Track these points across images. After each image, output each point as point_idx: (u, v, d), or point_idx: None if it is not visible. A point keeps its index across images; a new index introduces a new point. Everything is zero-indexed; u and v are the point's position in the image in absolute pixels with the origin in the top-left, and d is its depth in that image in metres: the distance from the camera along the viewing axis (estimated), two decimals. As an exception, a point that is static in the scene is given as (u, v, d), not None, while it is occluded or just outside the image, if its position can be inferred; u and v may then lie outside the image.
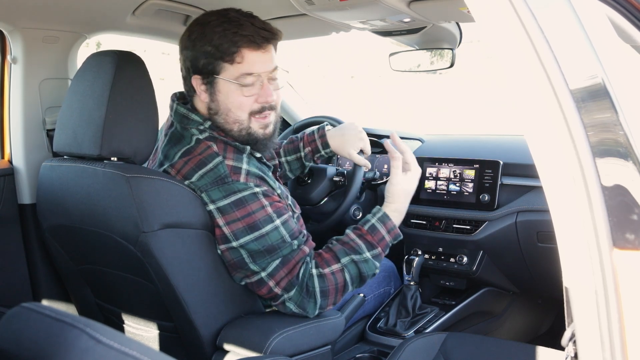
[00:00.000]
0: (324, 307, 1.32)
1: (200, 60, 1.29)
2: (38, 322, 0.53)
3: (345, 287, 1.33)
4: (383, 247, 1.37)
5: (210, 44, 1.27)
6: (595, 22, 0.85)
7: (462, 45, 1.92)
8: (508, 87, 0.74)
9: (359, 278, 1.35)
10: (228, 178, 1.25)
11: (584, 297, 0.70)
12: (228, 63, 1.27)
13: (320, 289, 1.29)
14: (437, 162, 1.98)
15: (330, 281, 1.30)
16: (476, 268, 1.92)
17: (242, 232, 1.24)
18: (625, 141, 0.77)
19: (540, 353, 1.38)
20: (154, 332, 1.38)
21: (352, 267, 1.33)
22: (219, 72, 1.28)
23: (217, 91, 1.30)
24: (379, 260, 1.36)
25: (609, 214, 0.70)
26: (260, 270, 1.26)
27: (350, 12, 1.53)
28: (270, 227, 1.25)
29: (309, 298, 1.28)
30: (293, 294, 1.27)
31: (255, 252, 1.24)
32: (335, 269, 1.31)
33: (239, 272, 1.28)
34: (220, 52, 1.26)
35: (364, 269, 1.34)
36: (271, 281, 1.26)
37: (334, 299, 1.32)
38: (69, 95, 1.32)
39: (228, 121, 1.31)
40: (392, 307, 1.87)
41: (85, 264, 1.43)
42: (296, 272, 1.27)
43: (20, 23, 1.58)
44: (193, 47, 1.30)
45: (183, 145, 1.32)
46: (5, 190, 1.64)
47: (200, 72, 1.30)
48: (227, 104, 1.30)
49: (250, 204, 1.24)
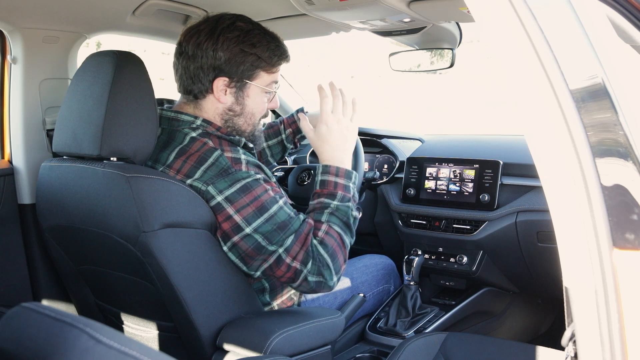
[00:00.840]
0: (338, 269, 1.33)
1: (240, 66, 1.32)
2: (38, 322, 0.53)
3: (343, 241, 1.35)
4: (342, 189, 1.38)
5: (256, 54, 1.33)
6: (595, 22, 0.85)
7: (462, 45, 1.92)
8: (508, 87, 0.74)
9: (346, 226, 1.37)
10: (231, 169, 1.27)
11: (584, 297, 0.70)
12: (266, 72, 1.36)
13: (328, 253, 1.31)
14: (437, 162, 1.98)
15: (330, 240, 1.33)
16: (476, 268, 1.92)
17: (253, 216, 1.26)
18: (625, 141, 0.77)
19: (540, 353, 1.38)
20: (153, 332, 1.38)
21: (333, 219, 1.36)
22: (254, 79, 1.36)
23: (246, 95, 1.37)
24: (347, 200, 1.38)
25: (609, 214, 0.70)
26: (278, 248, 1.28)
27: (350, 12, 1.53)
28: (277, 207, 1.28)
29: (323, 266, 1.30)
30: (310, 266, 1.29)
31: (269, 232, 1.27)
32: (325, 228, 1.34)
33: (256, 259, 1.29)
34: (265, 63, 1.35)
35: (342, 215, 1.36)
36: (288, 257, 1.28)
37: (343, 257, 1.35)
38: (69, 95, 1.32)
39: (248, 123, 1.40)
40: (392, 307, 1.87)
41: (85, 264, 1.43)
42: (308, 244, 1.30)
43: (20, 23, 1.58)
44: (230, 50, 1.31)
45: (175, 145, 1.32)
46: (5, 190, 1.64)
47: (230, 76, 1.33)
48: (253, 108, 1.39)
49: (255, 189, 1.27)
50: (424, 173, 1.99)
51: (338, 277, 1.34)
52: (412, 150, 2.15)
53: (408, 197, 2.00)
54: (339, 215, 1.36)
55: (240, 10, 1.38)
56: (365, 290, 1.77)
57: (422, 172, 1.99)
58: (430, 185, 1.98)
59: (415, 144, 2.22)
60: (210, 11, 1.77)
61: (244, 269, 1.32)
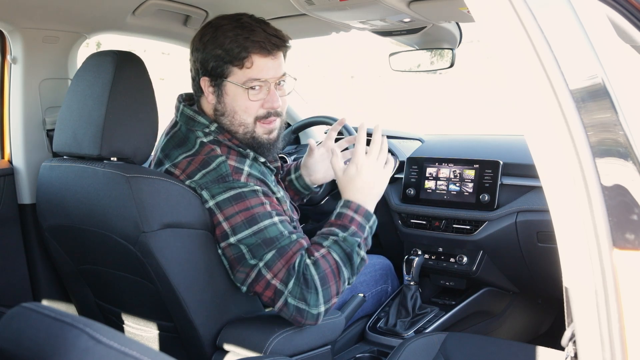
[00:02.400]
0: (327, 299, 1.24)
1: (210, 63, 1.31)
2: (38, 322, 0.53)
3: (339, 269, 1.27)
4: (356, 225, 1.32)
5: (221, 48, 1.29)
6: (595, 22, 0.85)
7: (462, 45, 1.92)
8: (508, 87, 0.74)
9: (347, 258, 1.29)
10: (229, 177, 1.26)
11: (584, 297, 0.70)
12: (237, 67, 1.30)
13: (318, 275, 1.23)
14: (437, 162, 1.98)
15: (324, 264, 1.25)
16: (476, 268, 1.92)
17: (241, 227, 1.23)
18: (625, 141, 0.77)
19: (540, 353, 1.38)
20: (154, 332, 1.38)
21: (335, 247, 1.28)
22: (227, 75, 1.31)
23: (225, 93, 1.32)
24: (358, 237, 1.31)
25: (609, 214, 0.70)
26: (258, 262, 1.23)
27: (350, 12, 1.53)
28: (269, 222, 1.24)
29: (309, 289, 1.22)
30: (292, 286, 1.22)
31: (253, 245, 1.23)
32: (324, 252, 1.26)
33: (239, 270, 1.27)
34: (231, 56, 1.29)
35: (346, 246, 1.29)
36: (269, 273, 1.23)
37: (335, 287, 1.26)
38: (69, 95, 1.32)
39: (234, 123, 1.34)
40: (392, 307, 1.87)
41: (85, 264, 1.43)
42: (292, 262, 1.23)
43: (20, 23, 1.58)
44: (204, 49, 1.32)
45: (187, 148, 1.32)
46: (5, 190, 1.64)
47: (209, 75, 1.33)
48: (233, 106, 1.33)
49: (249, 199, 1.25)
50: (424, 173, 1.99)
51: (326, 307, 1.23)
52: (412, 150, 2.15)
53: (408, 197, 2.00)
54: (343, 245, 1.28)
55: (240, 11, 1.38)
56: (363, 290, 1.77)
57: (422, 172, 1.99)
58: (430, 185, 1.98)
59: (415, 144, 2.22)
60: (210, 11, 1.78)
61: (232, 278, 1.29)
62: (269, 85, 1.33)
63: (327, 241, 1.29)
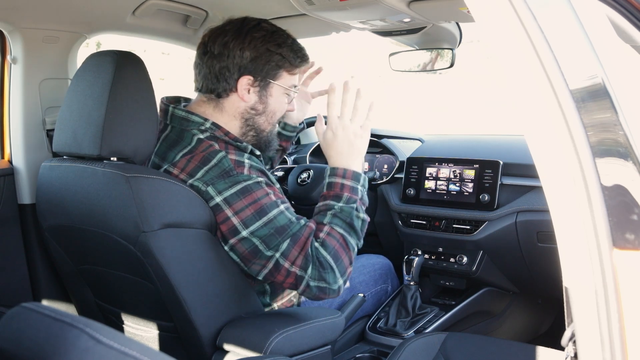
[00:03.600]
0: (343, 271, 1.31)
1: (265, 65, 1.35)
2: (38, 322, 0.53)
3: (345, 241, 1.33)
4: (348, 191, 1.36)
5: (281, 54, 1.36)
6: (595, 22, 0.85)
7: (462, 45, 1.92)
8: (508, 87, 0.74)
9: (350, 227, 1.34)
10: (233, 171, 1.27)
11: (584, 297, 0.70)
12: (287, 72, 1.39)
13: (329, 254, 1.29)
14: (437, 162, 1.98)
15: (331, 241, 1.31)
16: (476, 268, 1.92)
17: (251, 219, 1.25)
18: (625, 141, 0.77)
19: (540, 353, 1.38)
20: (154, 332, 1.38)
21: (336, 220, 1.33)
22: (277, 78, 1.38)
23: (269, 95, 1.39)
24: (353, 202, 1.35)
25: (609, 214, 0.70)
26: (274, 252, 1.27)
27: (350, 12, 1.53)
28: (277, 212, 1.28)
29: (325, 269, 1.28)
30: (311, 271, 1.28)
31: (267, 236, 1.26)
32: (327, 230, 1.32)
33: (254, 263, 1.28)
34: (289, 63, 1.38)
35: (345, 216, 1.34)
36: (286, 262, 1.27)
37: (348, 258, 1.32)
38: (69, 95, 1.32)
39: (269, 122, 1.42)
40: (392, 307, 1.87)
41: (85, 264, 1.43)
42: (308, 248, 1.28)
43: (20, 23, 1.58)
44: (256, 49, 1.34)
45: (183, 146, 1.33)
46: (5, 190, 1.64)
47: (255, 74, 1.35)
48: (275, 107, 1.41)
49: (255, 191, 1.27)
50: (424, 173, 1.99)
51: (344, 279, 1.31)
52: (412, 150, 2.15)
53: (408, 197, 2.00)
54: (342, 216, 1.34)
55: (241, 10, 1.39)
56: (363, 290, 1.77)
57: (422, 172, 1.99)
58: (430, 185, 1.98)
59: (415, 144, 2.22)
60: (210, 11, 1.78)
61: (245, 269, 1.32)
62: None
63: (327, 217, 1.35)
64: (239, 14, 1.40)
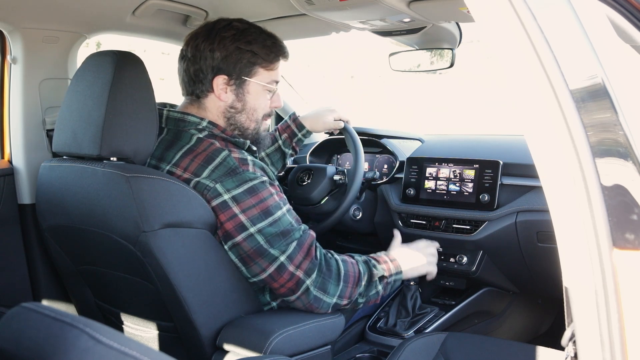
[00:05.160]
0: (342, 294, 1.35)
1: (237, 64, 1.36)
2: (38, 322, 0.53)
3: (359, 280, 1.38)
4: (387, 267, 1.46)
5: (251, 51, 1.37)
6: (595, 22, 0.85)
7: (462, 45, 1.92)
8: (508, 87, 0.74)
9: (369, 276, 1.41)
10: (239, 169, 1.29)
11: (584, 297, 0.70)
12: (264, 69, 1.39)
13: (344, 270, 1.35)
14: (437, 162, 1.97)
15: (350, 266, 1.38)
16: (476, 268, 1.92)
17: (258, 218, 1.27)
18: (625, 141, 0.77)
19: (540, 353, 1.38)
20: (153, 332, 1.38)
21: (363, 266, 1.41)
22: (252, 75, 1.38)
23: (247, 92, 1.40)
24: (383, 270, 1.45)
25: (609, 214, 0.70)
26: (279, 255, 1.28)
27: (350, 12, 1.53)
28: (281, 213, 1.30)
29: (330, 278, 1.33)
30: (315, 276, 1.30)
31: (272, 235, 1.27)
32: (352, 261, 1.40)
33: (256, 263, 1.29)
34: (262, 59, 1.38)
35: (373, 270, 1.42)
36: (291, 265, 1.28)
37: (350, 291, 1.36)
38: (69, 95, 1.32)
39: (250, 119, 1.42)
40: (392, 307, 1.87)
41: (85, 264, 1.43)
42: (314, 254, 1.31)
43: (20, 23, 1.58)
44: (226, 49, 1.35)
45: (181, 145, 1.34)
46: (5, 190, 1.64)
47: (229, 74, 1.37)
48: (254, 104, 1.41)
49: (261, 192, 1.29)
50: (423, 173, 1.99)
51: (337, 301, 1.35)
52: (412, 150, 2.15)
53: (408, 197, 2.00)
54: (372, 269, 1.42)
55: (240, 10, 1.39)
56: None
57: (422, 172, 1.99)
58: (430, 185, 1.98)
59: (415, 144, 2.22)
60: (210, 11, 1.78)
61: (243, 270, 1.32)
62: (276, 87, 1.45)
63: (359, 258, 1.43)
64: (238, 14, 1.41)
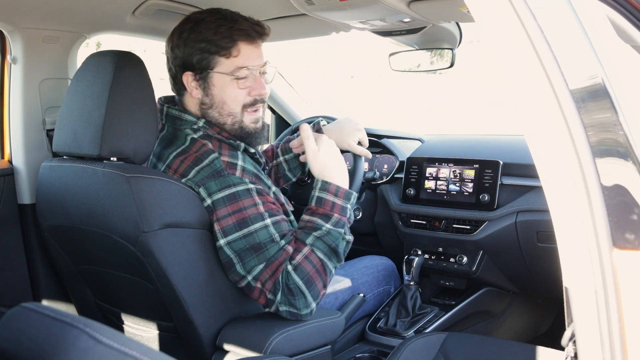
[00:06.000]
0: (316, 296, 1.27)
1: (194, 57, 1.32)
2: (38, 322, 0.53)
3: (324, 266, 1.28)
4: (339, 211, 1.33)
5: (204, 40, 1.31)
6: (595, 22, 0.85)
7: (462, 45, 1.92)
8: (508, 87, 0.74)
9: (332, 251, 1.30)
10: (224, 171, 1.26)
11: (584, 297, 0.70)
12: (224, 57, 1.32)
13: (302, 280, 1.25)
14: (437, 162, 1.98)
15: (307, 266, 1.26)
16: (476, 268, 1.92)
17: (232, 229, 1.24)
18: (625, 141, 0.77)
19: (540, 353, 1.38)
20: (153, 332, 1.38)
21: (319, 244, 1.29)
22: (213, 66, 1.33)
23: (212, 85, 1.34)
24: (341, 226, 1.32)
25: (609, 214, 0.70)
26: (246, 274, 1.25)
27: (350, 12, 1.53)
28: (260, 225, 1.25)
29: (295, 296, 1.25)
30: (280, 296, 1.25)
31: (242, 250, 1.24)
32: (306, 252, 1.27)
33: (230, 274, 1.28)
34: (216, 47, 1.31)
35: (330, 241, 1.30)
36: (258, 283, 1.26)
37: (322, 283, 1.28)
38: (69, 95, 1.32)
39: (222, 114, 1.35)
40: (392, 307, 1.87)
41: (85, 264, 1.43)
42: (278, 275, 1.25)
43: (20, 23, 1.58)
44: (184, 44, 1.33)
45: (177, 146, 1.33)
46: (5, 190, 1.64)
47: (193, 69, 1.34)
48: (222, 96, 1.34)
49: (242, 200, 1.25)
50: (424, 173, 1.99)
51: (316, 303, 1.28)
52: (412, 150, 2.15)
53: (408, 197, 2.00)
54: (327, 240, 1.30)
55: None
56: (365, 291, 1.77)
57: (422, 172, 1.99)
58: (430, 185, 1.98)
59: (415, 144, 2.22)
60: (210, 11, 1.77)
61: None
62: (254, 73, 1.34)
63: (310, 237, 1.30)
64: (238, 13, 1.40)
